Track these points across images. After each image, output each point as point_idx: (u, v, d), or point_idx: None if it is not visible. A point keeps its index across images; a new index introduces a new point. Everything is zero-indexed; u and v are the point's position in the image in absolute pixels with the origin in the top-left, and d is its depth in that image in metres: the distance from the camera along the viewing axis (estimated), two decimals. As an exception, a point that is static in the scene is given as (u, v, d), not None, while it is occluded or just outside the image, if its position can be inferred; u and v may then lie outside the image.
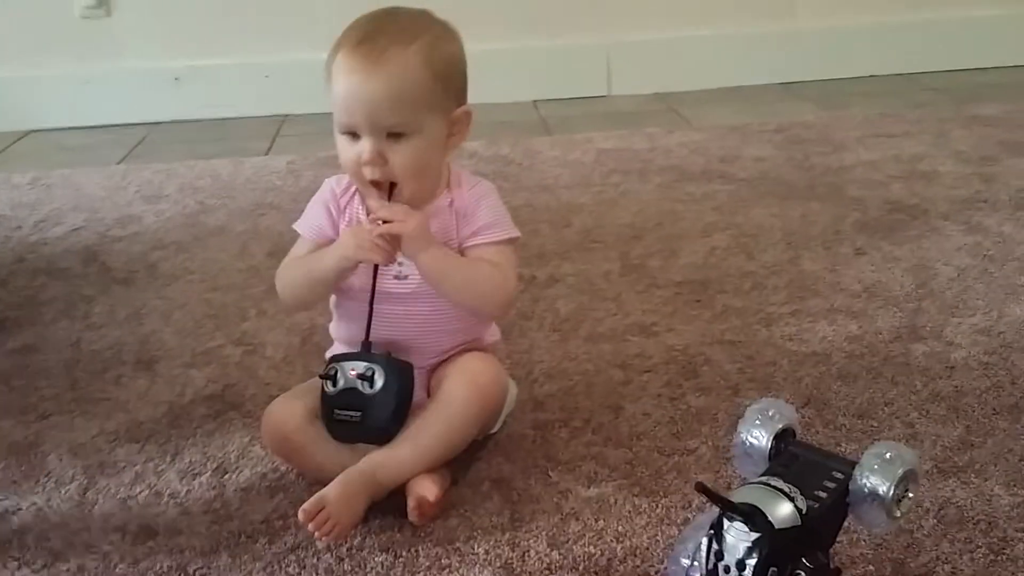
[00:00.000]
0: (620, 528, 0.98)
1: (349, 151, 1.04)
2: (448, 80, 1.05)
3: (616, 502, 1.02)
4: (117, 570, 0.96)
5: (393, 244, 1.02)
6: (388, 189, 1.04)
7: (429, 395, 1.08)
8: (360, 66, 1.00)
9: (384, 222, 1.02)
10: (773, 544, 0.72)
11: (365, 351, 1.05)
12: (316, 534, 0.96)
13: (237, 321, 1.48)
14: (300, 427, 1.06)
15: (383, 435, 1.03)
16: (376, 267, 1.04)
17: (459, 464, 1.08)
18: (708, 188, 1.92)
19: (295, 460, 1.08)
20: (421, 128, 1.03)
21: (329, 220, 1.10)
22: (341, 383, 1.04)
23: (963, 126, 2.21)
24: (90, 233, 1.87)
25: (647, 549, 0.95)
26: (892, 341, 1.31)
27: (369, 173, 1.03)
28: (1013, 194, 1.79)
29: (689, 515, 0.99)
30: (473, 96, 1.09)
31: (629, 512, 1.00)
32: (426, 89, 1.02)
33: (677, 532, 0.96)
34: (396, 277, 1.07)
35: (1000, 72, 2.75)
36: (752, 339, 1.33)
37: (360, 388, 1.03)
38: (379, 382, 1.02)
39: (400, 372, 1.03)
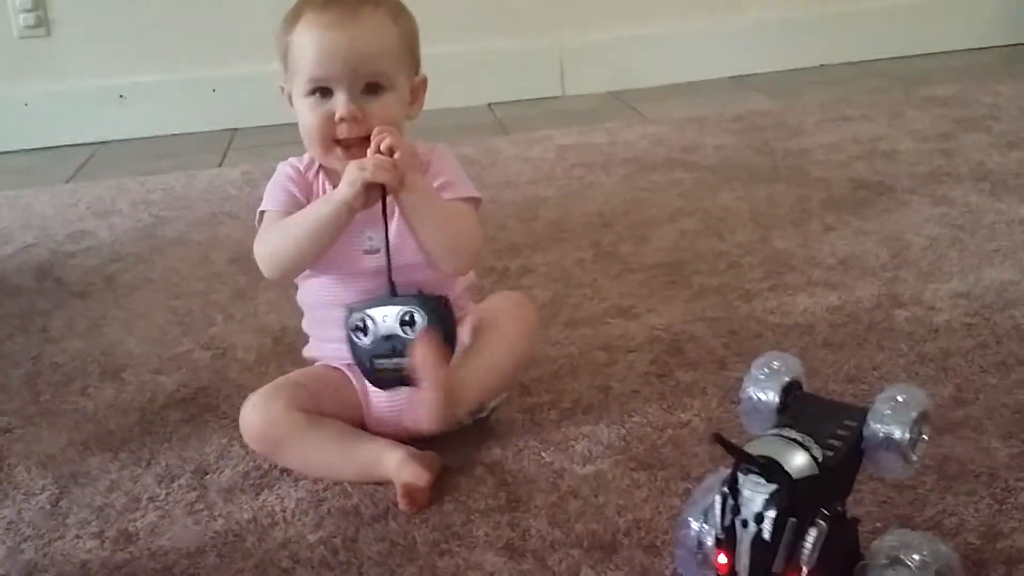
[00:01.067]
0: (621, 502, 0.95)
1: (317, 111, 1.01)
2: (411, 44, 1.06)
3: (614, 478, 0.99)
4: (98, 578, 0.91)
5: (396, 167, 0.99)
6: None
7: None
8: (337, 21, 1.00)
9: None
10: (791, 495, 0.70)
11: (392, 294, 1.01)
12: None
13: (204, 326, 1.43)
14: (280, 420, 1.02)
15: None
16: (384, 194, 1.00)
17: (448, 451, 1.05)
18: (672, 176, 1.91)
19: (278, 454, 1.04)
20: (395, 84, 1.03)
21: (298, 194, 1.06)
22: (376, 331, 1.00)
23: (916, 107, 2.24)
24: (41, 250, 1.81)
25: (651, 521, 0.92)
26: (873, 309, 1.30)
27: (345, 131, 1.01)
28: (974, 167, 1.82)
29: (689, 486, 0.97)
30: (428, 100, 1.09)
31: (628, 486, 0.98)
32: (399, 46, 1.04)
33: (679, 503, 0.94)
34: (367, 252, 1.04)
35: (947, 56, 2.80)
36: (734, 315, 1.32)
37: (402, 333, 0.99)
38: (421, 322, 0.99)
39: (439, 306, 1.01)
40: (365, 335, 1.01)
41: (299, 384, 1.06)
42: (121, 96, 2.67)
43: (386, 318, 1.00)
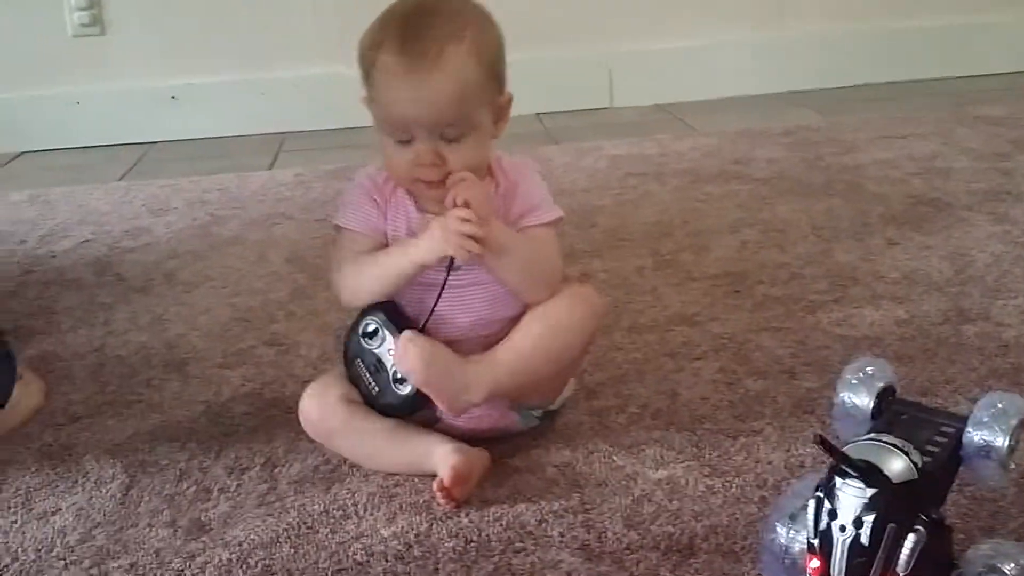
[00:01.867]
0: (696, 508, 0.95)
1: (400, 155, 1.00)
2: (495, 70, 1.02)
3: (688, 483, 0.99)
4: (172, 565, 0.91)
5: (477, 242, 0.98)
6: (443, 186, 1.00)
7: None
8: (415, 68, 0.96)
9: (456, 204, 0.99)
10: (891, 500, 0.69)
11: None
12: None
13: (266, 323, 1.44)
14: (335, 410, 1.03)
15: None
16: (451, 263, 1.00)
17: (517, 452, 1.05)
18: (727, 188, 1.91)
19: (332, 442, 1.05)
20: (476, 125, 1.00)
21: (376, 211, 1.06)
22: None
23: (970, 126, 2.22)
24: (99, 245, 1.82)
25: (728, 527, 0.91)
26: (941, 324, 1.29)
27: (426, 175, 1.00)
28: (1034, 186, 1.80)
29: (765, 494, 0.96)
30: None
31: (703, 492, 0.97)
32: (480, 86, 0.99)
33: (756, 510, 0.93)
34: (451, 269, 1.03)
35: (998, 78, 2.77)
36: (799, 326, 1.31)
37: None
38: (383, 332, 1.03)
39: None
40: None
41: None
42: (173, 97, 2.70)
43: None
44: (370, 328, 1.02)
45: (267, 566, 0.90)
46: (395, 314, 1.03)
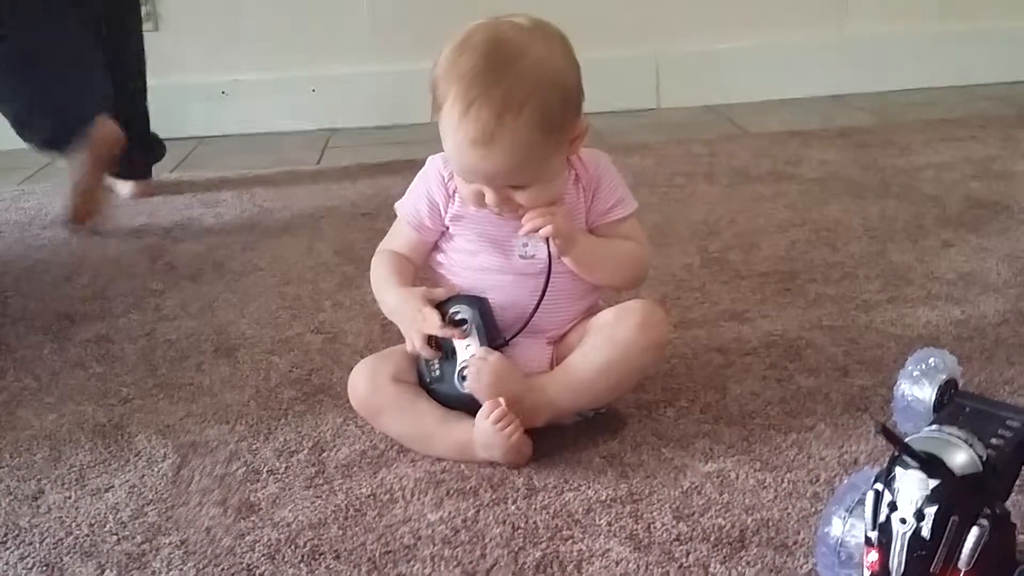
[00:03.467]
0: (747, 501, 0.93)
1: (469, 187, 1.02)
2: (560, 120, 0.98)
3: (738, 477, 0.97)
4: (223, 543, 0.91)
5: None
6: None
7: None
8: (474, 139, 0.95)
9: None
10: (954, 492, 0.68)
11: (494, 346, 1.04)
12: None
13: (314, 312, 1.44)
14: (383, 389, 1.04)
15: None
16: (548, 250, 1.02)
17: (564, 441, 1.04)
18: (777, 188, 1.89)
19: (379, 421, 1.06)
20: (541, 179, 1.01)
21: (430, 206, 1.07)
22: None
23: (1029, 131, 2.18)
24: (151, 234, 1.85)
25: (780, 521, 0.90)
26: (999, 324, 1.26)
27: (497, 212, 1.02)
28: (1095, 191, 1.76)
29: (817, 489, 0.94)
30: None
31: (754, 486, 0.96)
32: (543, 148, 0.98)
33: (810, 506, 0.92)
34: (523, 257, 1.05)
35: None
36: (852, 324, 1.29)
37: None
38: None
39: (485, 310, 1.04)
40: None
41: (406, 355, 1.07)
42: (223, 92, 2.73)
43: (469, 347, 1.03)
44: (458, 316, 1.03)
45: (315, 546, 0.90)
46: (487, 314, 1.04)
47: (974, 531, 0.68)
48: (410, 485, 0.99)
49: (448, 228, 1.08)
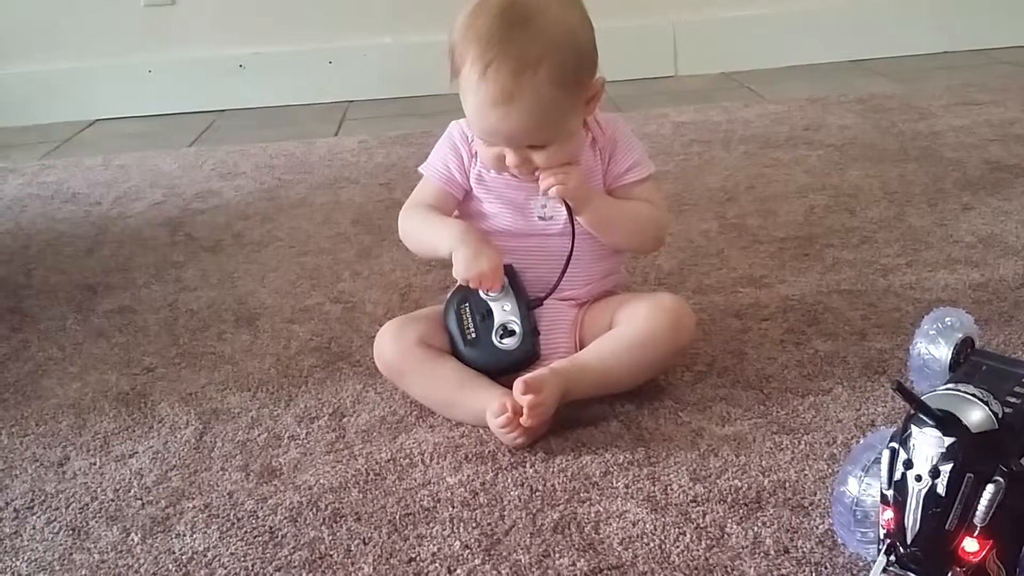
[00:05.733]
0: (764, 463, 0.94)
1: (487, 150, 1.03)
2: (576, 76, 1.00)
3: (755, 439, 0.98)
4: (245, 506, 0.93)
5: (488, 285, 1.03)
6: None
7: (579, 341, 1.07)
8: (494, 99, 0.97)
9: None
10: (970, 449, 0.68)
11: (529, 305, 1.06)
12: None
13: (333, 281, 1.45)
14: (409, 352, 1.05)
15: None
16: (568, 211, 1.04)
17: (581, 406, 1.04)
18: (796, 154, 1.87)
19: (403, 382, 1.08)
20: (560, 137, 1.02)
21: (457, 162, 1.09)
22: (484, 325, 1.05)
23: (1052, 94, 2.15)
24: (171, 207, 1.86)
25: (796, 482, 0.90)
26: (1019, 287, 1.25)
27: (514, 173, 1.04)
28: (1119, 152, 1.74)
29: (835, 451, 0.95)
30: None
31: (770, 448, 0.96)
32: (561, 106, 0.99)
33: (826, 467, 0.92)
34: (541, 219, 1.07)
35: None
36: (871, 288, 1.28)
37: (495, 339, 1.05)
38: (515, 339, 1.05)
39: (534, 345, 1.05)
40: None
41: (431, 320, 1.08)
42: (240, 66, 2.73)
43: (505, 309, 1.05)
44: None
45: (336, 509, 0.91)
46: (515, 276, 1.06)
47: (990, 488, 0.68)
48: (429, 450, 1.00)
49: (472, 188, 1.09)
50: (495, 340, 1.04)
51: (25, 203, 1.95)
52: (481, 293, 1.05)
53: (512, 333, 1.04)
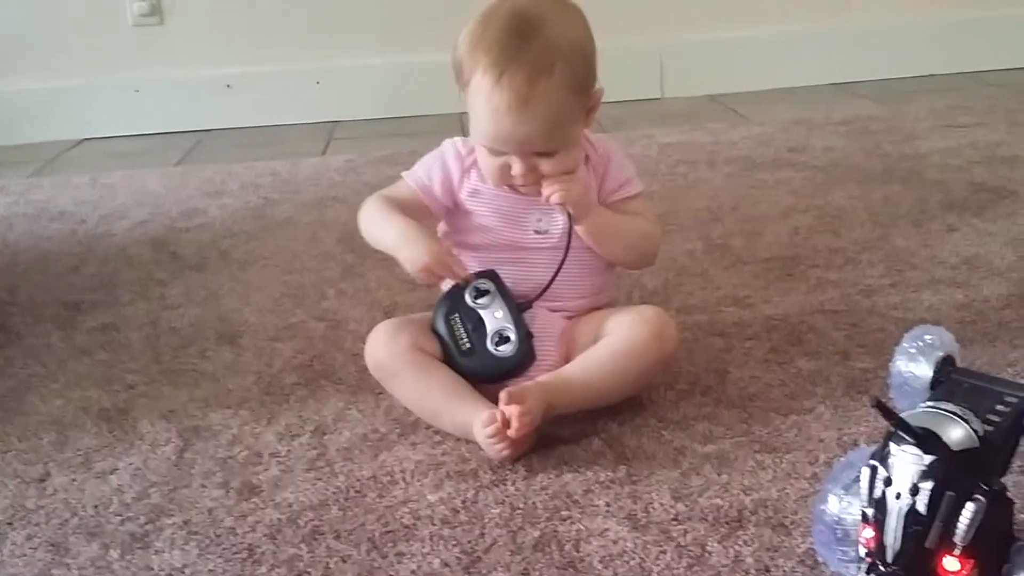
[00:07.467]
0: (745, 482, 0.93)
1: (493, 162, 1.04)
2: (585, 82, 1.03)
3: (737, 458, 0.97)
4: (225, 523, 0.92)
5: (440, 274, 1.04)
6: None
7: (566, 356, 1.07)
8: (509, 104, 0.98)
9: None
10: (950, 467, 0.68)
11: (520, 308, 1.06)
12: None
13: (317, 300, 1.45)
14: (401, 355, 1.05)
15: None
16: (569, 223, 1.05)
17: (564, 423, 1.04)
18: (781, 175, 1.88)
19: (391, 385, 1.08)
20: (568, 143, 1.03)
21: (442, 177, 1.09)
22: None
23: (1035, 117, 2.17)
24: (156, 225, 1.86)
25: (778, 501, 0.90)
26: (1002, 308, 1.26)
27: (520, 184, 1.05)
28: (1101, 175, 1.75)
29: (816, 470, 0.94)
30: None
31: (752, 467, 0.96)
32: (571, 110, 1.02)
33: (808, 486, 0.92)
34: (537, 232, 1.08)
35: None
36: (854, 308, 1.29)
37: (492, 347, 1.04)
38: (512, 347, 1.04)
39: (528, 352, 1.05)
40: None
41: (425, 324, 1.08)
42: (228, 86, 2.74)
43: (497, 316, 1.05)
44: (483, 287, 1.05)
45: (316, 527, 0.91)
46: (502, 283, 1.06)
47: (970, 506, 0.68)
48: (410, 467, 0.99)
49: (454, 206, 1.10)
50: (492, 348, 1.04)
51: (12, 221, 1.94)
52: (469, 301, 1.05)
53: (507, 340, 1.04)
